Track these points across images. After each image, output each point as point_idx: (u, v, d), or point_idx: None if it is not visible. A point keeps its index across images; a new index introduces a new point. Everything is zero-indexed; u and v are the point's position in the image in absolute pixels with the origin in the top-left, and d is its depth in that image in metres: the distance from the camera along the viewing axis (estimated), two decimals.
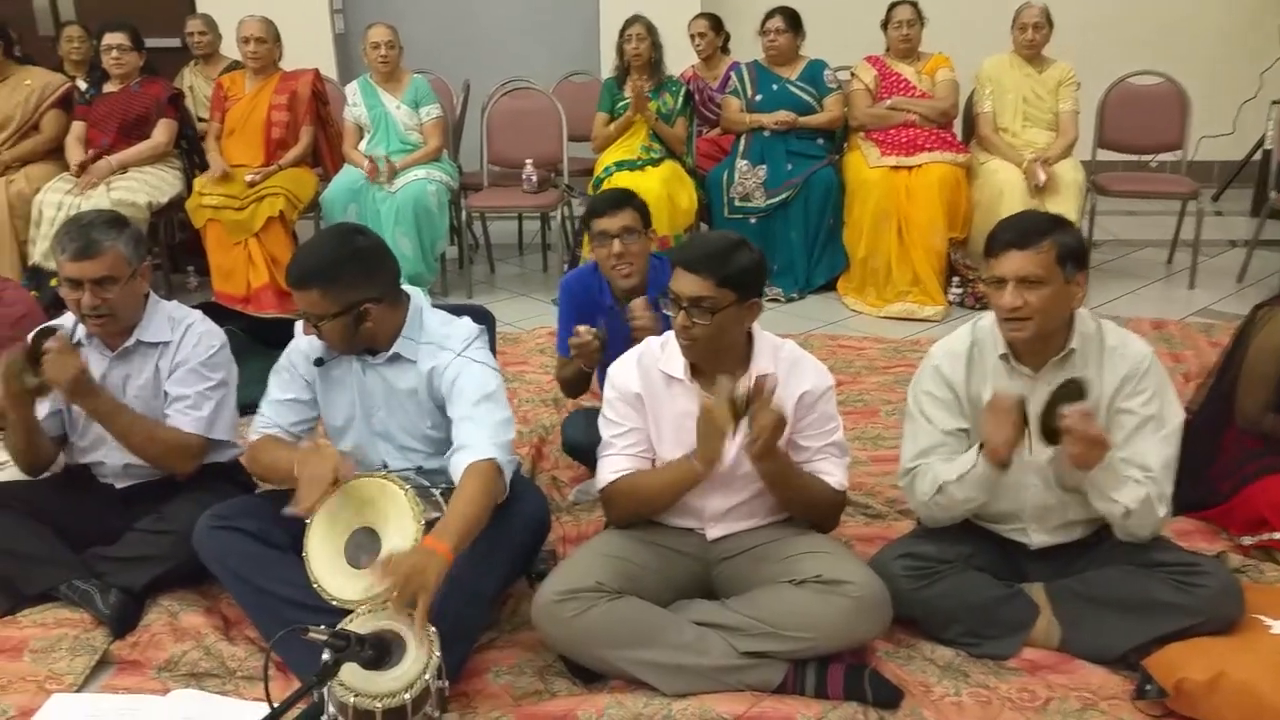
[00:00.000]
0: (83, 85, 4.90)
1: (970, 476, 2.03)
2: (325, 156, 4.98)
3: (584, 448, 2.71)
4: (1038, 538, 2.18)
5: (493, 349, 2.48)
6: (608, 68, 5.83)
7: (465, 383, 2.17)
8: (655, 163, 4.71)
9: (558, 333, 2.85)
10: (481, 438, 2.08)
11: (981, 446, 2.00)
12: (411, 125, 4.87)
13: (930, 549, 2.13)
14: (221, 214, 4.46)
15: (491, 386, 2.18)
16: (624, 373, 2.18)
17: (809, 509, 2.15)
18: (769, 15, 4.78)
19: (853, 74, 4.88)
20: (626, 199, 2.68)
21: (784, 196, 4.66)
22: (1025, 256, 1.98)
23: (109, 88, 4.71)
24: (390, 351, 2.22)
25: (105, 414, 2.31)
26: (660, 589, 2.11)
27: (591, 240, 2.68)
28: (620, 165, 4.67)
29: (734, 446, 2.01)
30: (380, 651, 1.74)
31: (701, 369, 2.13)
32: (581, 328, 2.54)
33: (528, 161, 4.94)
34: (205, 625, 2.23)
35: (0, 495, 2.37)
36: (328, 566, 2.09)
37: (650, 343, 2.23)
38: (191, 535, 2.19)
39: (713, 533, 2.18)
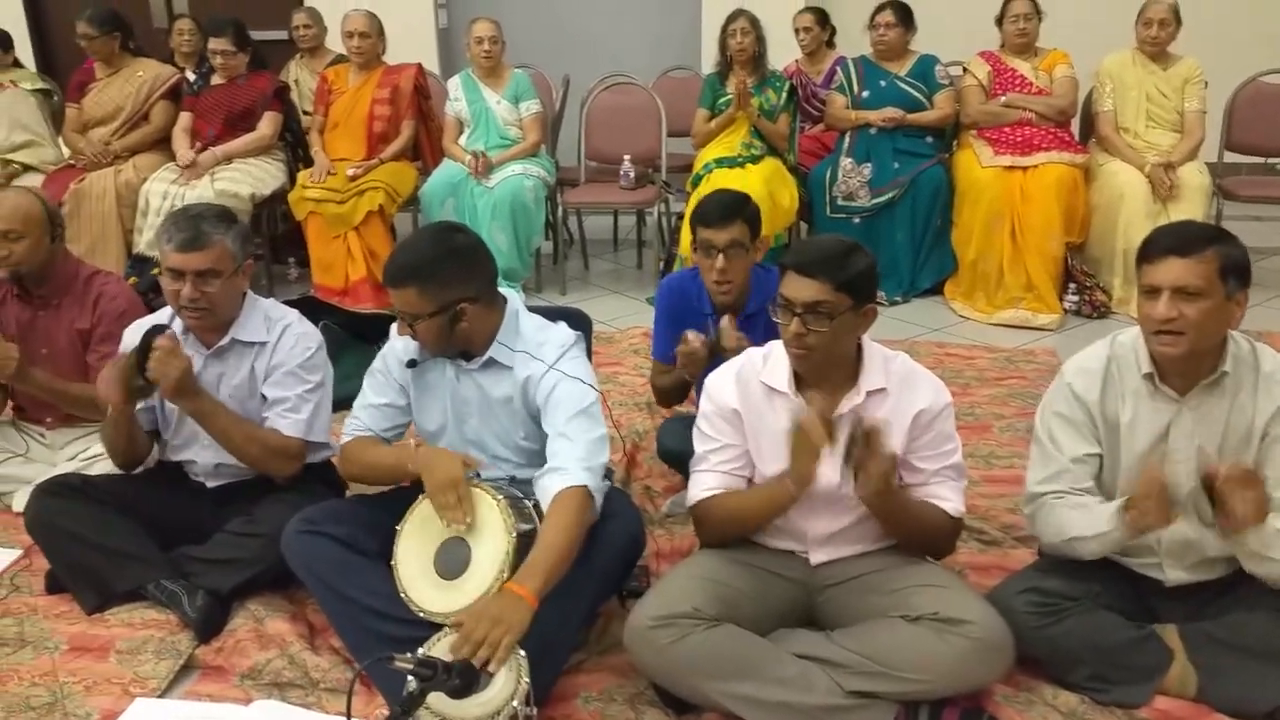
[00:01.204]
0: (191, 77, 4.98)
1: (1107, 539, 1.88)
2: (425, 150, 4.97)
3: (681, 456, 2.59)
4: (1174, 574, 2.00)
5: (588, 353, 2.40)
6: (708, 63, 5.73)
7: (561, 395, 2.09)
8: (756, 160, 4.56)
9: (654, 336, 2.74)
10: (574, 460, 2.01)
11: (1126, 505, 1.84)
12: (511, 120, 4.82)
13: (1056, 584, 1.96)
14: (323, 207, 4.48)
15: (588, 401, 2.10)
16: (722, 386, 2.07)
17: (921, 539, 2.01)
18: (879, 9, 4.60)
19: (965, 69, 4.67)
20: (738, 208, 2.53)
21: (890, 196, 4.48)
22: (1185, 265, 1.81)
23: (216, 80, 4.77)
24: (485, 356, 2.15)
25: (205, 414, 2.28)
26: (759, 616, 1.99)
27: (695, 244, 2.56)
28: (720, 162, 4.54)
29: (834, 466, 1.88)
30: (467, 679, 1.66)
31: (807, 381, 2.00)
32: (691, 334, 2.42)
33: (625, 157, 4.86)
34: (290, 633, 2.18)
35: (93, 490, 2.36)
36: (417, 576, 2.05)
37: (751, 354, 2.11)
38: (279, 538, 2.15)
39: (816, 557, 2.05)
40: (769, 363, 2.05)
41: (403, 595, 2.03)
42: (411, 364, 2.20)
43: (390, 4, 4.90)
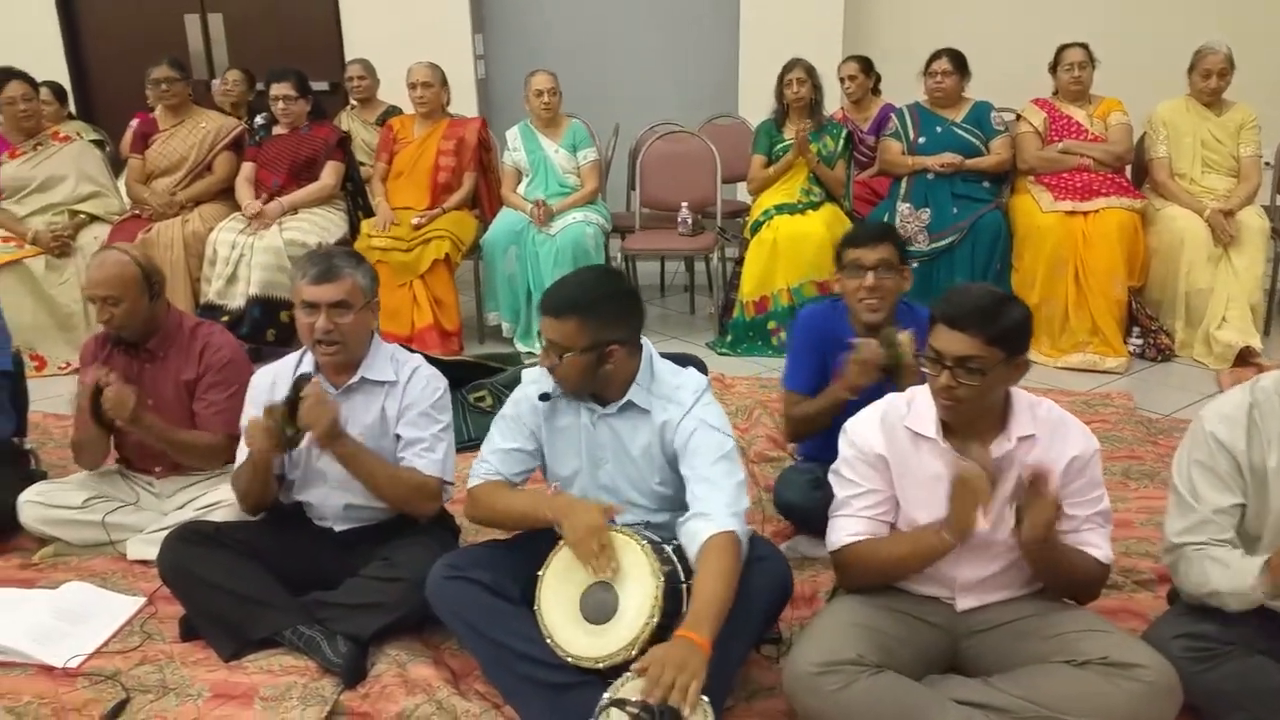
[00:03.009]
0: (255, 123, 5.05)
1: (1248, 599, 1.88)
2: (484, 200, 5.03)
3: (803, 509, 2.63)
4: None
5: None
6: (747, 109, 5.84)
7: (701, 441, 2.11)
8: (815, 206, 4.63)
9: (789, 368, 2.76)
10: (719, 505, 2.03)
11: (1268, 564, 1.84)
12: (569, 169, 4.90)
13: (1211, 629, 1.96)
14: (389, 255, 4.53)
15: (728, 446, 2.12)
16: (866, 431, 2.09)
17: (1072, 585, 2.02)
18: (935, 56, 4.68)
19: (1019, 116, 4.74)
20: (887, 233, 2.62)
21: (949, 240, 4.52)
22: None
23: (278, 130, 4.84)
24: (623, 400, 2.18)
25: (351, 457, 2.31)
26: (912, 662, 1.99)
27: (841, 270, 2.61)
28: (780, 208, 4.61)
29: (986, 513, 1.90)
30: None
31: (954, 428, 2.03)
32: (866, 341, 2.46)
33: (683, 205, 4.92)
34: (435, 677, 2.18)
35: (225, 536, 2.37)
36: (563, 622, 2.06)
37: (894, 399, 2.13)
38: (421, 583, 2.17)
39: (963, 604, 2.06)
40: (913, 408, 2.07)
41: (548, 641, 2.04)
42: (544, 397, 2.22)
43: (430, 57, 4.97)
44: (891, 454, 2.05)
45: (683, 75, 6.43)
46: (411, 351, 2.58)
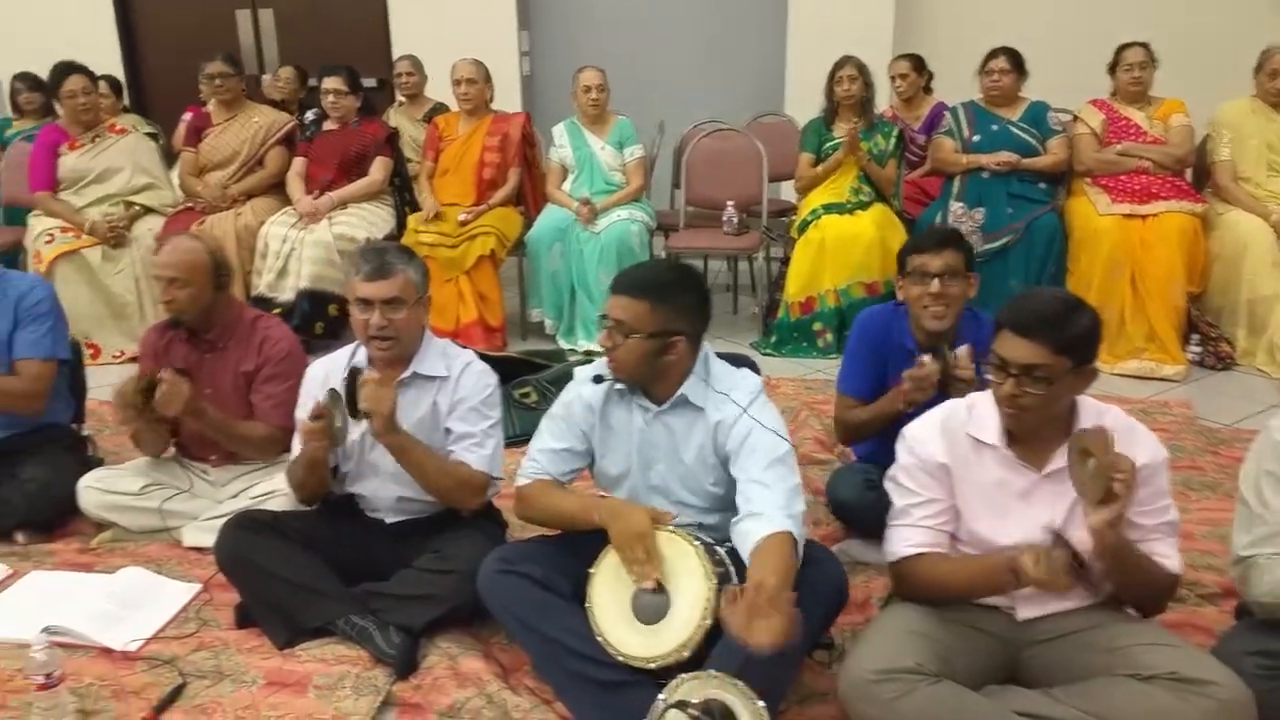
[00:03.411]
0: (306, 119, 5.09)
1: None
2: (528, 197, 5.03)
3: (858, 509, 2.59)
4: None
5: None
6: (794, 107, 5.79)
7: (756, 442, 2.09)
8: (865, 205, 4.58)
9: (845, 371, 2.73)
10: (774, 506, 2.00)
11: None
12: (615, 166, 4.88)
13: None
14: (435, 251, 4.53)
15: (784, 449, 2.10)
16: (926, 438, 2.05)
17: (1144, 592, 1.97)
18: (992, 55, 4.60)
19: (1076, 117, 4.66)
20: (954, 238, 2.57)
21: (1004, 241, 4.44)
22: None
23: (328, 126, 4.87)
24: (677, 394, 2.16)
25: (405, 448, 2.32)
26: (969, 672, 1.94)
27: (905, 276, 2.56)
28: (829, 208, 4.56)
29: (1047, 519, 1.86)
30: None
31: (1018, 435, 1.99)
32: (926, 357, 2.42)
33: (729, 203, 4.88)
34: (485, 671, 2.18)
35: (282, 525, 2.39)
36: (614, 620, 2.05)
37: (955, 405, 2.09)
38: (472, 576, 2.17)
39: (1024, 613, 2.01)
40: (975, 414, 2.03)
41: (600, 639, 2.03)
42: (598, 380, 2.20)
43: (476, 53, 4.98)
44: (953, 461, 2.02)
45: (729, 72, 6.38)
46: (462, 347, 2.58)
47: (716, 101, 6.01)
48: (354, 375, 2.28)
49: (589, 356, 4.47)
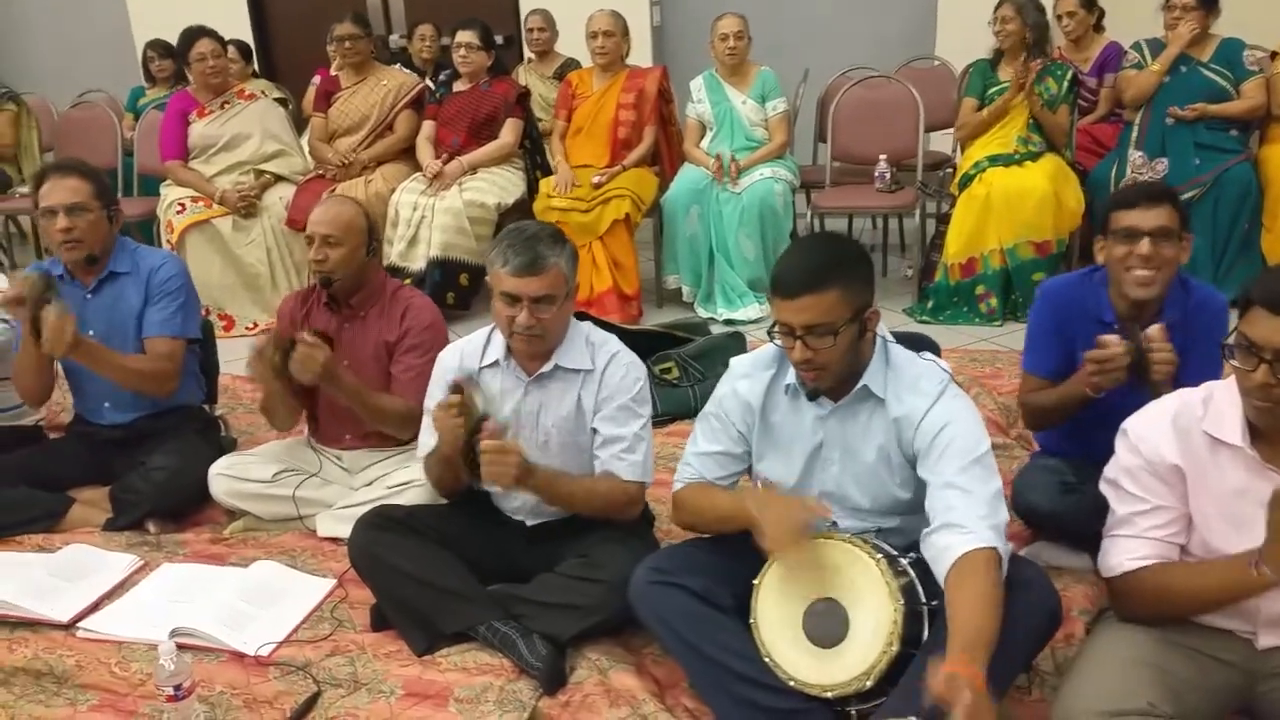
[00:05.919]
0: (431, 85, 4.95)
1: None
2: (664, 156, 4.79)
3: (1049, 514, 2.29)
4: None
5: None
6: (946, 49, 5.37)
7: (950, 439, 1.82)
8: (1035, 157, 4.17)
9: (1029, 347, 2.43)
10: (975, 516, 1.74)
11: None
12: (757, 121, 4.57)
13: None
14: (568, 216, 4.34)
15: (983, 448, 1.83)
16: (1155, 436, 1.75)
17: None
18: None
19: (1275, 55, 4.14)
20: (1168, 194, 2.24)
21: (1190, 195, 3.98)
22: None
23: (459, 87, 4.72)
24: (859, 385, 1.90)
25: (544, 489, 2.13)
26: (1202, 708, 1.67)
27: (1109, 236, 2.24)
28: (995, 160, 4.17)
29: None
30: None
31: (1264, 432, 1.67)
32: (1112, 337, 2.11)
33: (881, 158, 4.53)
34: (639, 689, 1.99)
35: (416, 522, 2.23)
36: (783, 640, 1.84)
37: (1188, 397, 1.78)
38: (623, 586, 1.97)
39: (1265, 640, 1.71)
40: (1211, 408, 1.73)
41: (767, 659, 1.83)
42: (813, 396, 1.94)
43: (604, 3, 4.72)
44: (1187, 464, 1.72)
45: (875, 14, 5.96)
46: (602, 326, 2.36)
47: (863, 47, 5.61)
48: (461, 384, 2.08)
49: (730, 325, 4.23)
